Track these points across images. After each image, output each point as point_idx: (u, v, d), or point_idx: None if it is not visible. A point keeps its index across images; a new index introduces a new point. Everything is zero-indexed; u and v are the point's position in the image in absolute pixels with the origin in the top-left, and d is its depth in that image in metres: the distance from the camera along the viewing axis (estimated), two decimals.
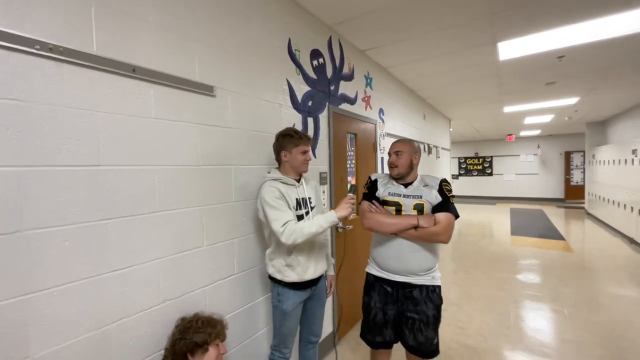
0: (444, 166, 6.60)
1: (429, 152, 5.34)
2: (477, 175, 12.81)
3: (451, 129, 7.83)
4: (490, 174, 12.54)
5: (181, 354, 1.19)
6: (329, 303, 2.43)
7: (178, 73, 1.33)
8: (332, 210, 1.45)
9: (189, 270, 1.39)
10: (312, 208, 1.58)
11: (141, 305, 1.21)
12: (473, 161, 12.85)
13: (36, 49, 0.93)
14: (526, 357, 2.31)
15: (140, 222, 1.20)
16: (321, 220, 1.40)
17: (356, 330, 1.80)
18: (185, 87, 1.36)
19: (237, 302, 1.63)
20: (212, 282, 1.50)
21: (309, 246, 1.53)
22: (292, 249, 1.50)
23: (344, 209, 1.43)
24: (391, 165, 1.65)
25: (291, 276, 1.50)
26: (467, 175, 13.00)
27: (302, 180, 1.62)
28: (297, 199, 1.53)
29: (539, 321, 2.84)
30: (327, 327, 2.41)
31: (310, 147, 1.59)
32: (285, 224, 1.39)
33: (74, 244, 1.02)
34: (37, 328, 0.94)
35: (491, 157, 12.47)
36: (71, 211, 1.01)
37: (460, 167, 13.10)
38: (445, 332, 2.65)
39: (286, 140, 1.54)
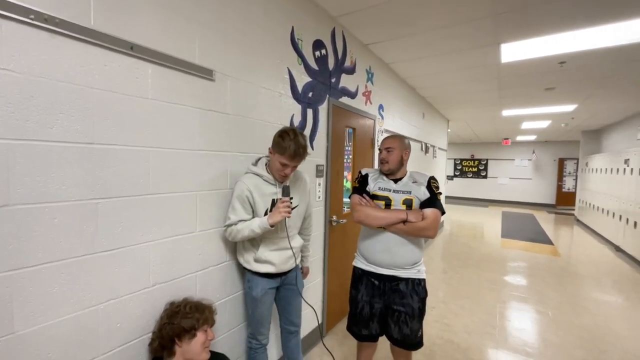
0: (439, 166, 6.63)
1: (426, 151, 5.35)
2: (471, 177, 12.91)
3: (449, 130, 7.85)
4: (485, 177, 12.64)
5: (168, 338, 1.18)
6: (318, 296, 2.44)
7: (178, 54, 1.30)
8: (266, 217, 1.43)
9: (181, 255, 1.38)
10: (292, 208, 1.48)
11: (130, 287, 1.20)
12: (468, 163, 12.94)
13: (31, 19, 0.90)
14: (509, 355, 2.36)
15: (133, 203, 1.19)
16: (254, 226, 1.42)
17: (344, 323, 1.82)
18: (185, 69, 1.33)
19: (228, 289, 1.62)
20: (203, 268, 1.49)
21: (276, 246, 1.54)
22: (259, 245, 1.52)
23: (277, 214, 1.41)
24: (382, 161, 1.67)
25: (259, 268, 1.53)
26: (461, 177, 13.09)
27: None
28: (274, 199, 1.50)
29: (523, 322, 2.89)
30: (315, 320, 2.43)
31: (291, 164, 1.45)
32: (230, 224, 1.46)
33: (64, 222, 1.00)
34: (22, 304, 0.93)
35: (486, 160, 12.57)
36: (61, 188, 0.99)
37: (455, 169, 13.18)
38: (432, 329, 2.69)
39: (277, 140, 1.45)
